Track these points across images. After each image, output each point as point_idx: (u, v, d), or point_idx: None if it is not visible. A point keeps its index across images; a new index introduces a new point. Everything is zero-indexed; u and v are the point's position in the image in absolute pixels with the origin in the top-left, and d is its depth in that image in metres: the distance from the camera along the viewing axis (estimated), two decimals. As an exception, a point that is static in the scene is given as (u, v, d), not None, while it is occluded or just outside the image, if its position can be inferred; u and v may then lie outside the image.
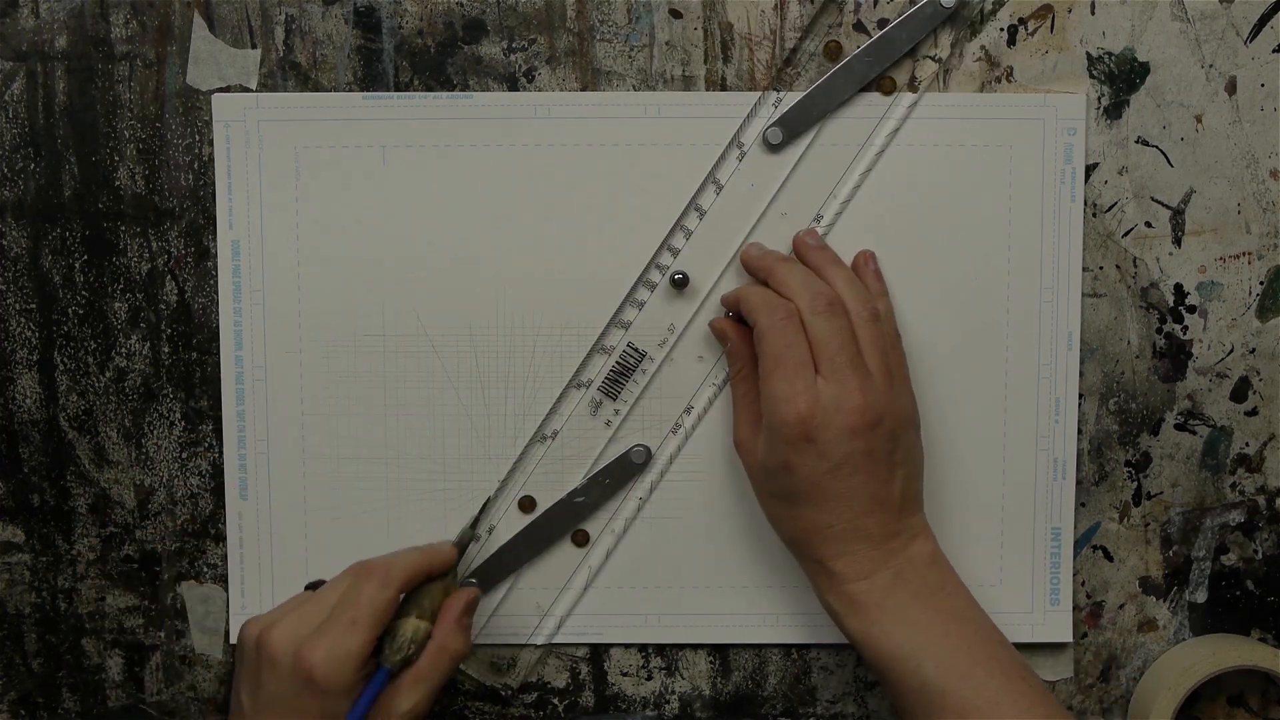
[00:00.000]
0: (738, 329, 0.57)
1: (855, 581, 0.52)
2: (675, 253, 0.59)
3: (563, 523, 0.60)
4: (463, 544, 0.57)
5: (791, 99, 0.58)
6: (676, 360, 0.60)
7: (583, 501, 0.60)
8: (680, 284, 0.58)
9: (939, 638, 0.52)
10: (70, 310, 0.60)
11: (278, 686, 0.50)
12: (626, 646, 0.61)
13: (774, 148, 0.58)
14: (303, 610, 0.52)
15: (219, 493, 0.60)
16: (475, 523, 0.58)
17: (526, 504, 0.60)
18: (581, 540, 0.60)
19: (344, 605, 0.51)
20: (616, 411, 0.60)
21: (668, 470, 0.60)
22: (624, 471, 0.60)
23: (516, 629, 0.61)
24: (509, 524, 0.60)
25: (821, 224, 0.58)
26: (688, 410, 0.60)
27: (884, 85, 0.58)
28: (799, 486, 0.53)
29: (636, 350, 0.59)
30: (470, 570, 0.60)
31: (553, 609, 0.60)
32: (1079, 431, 0.60)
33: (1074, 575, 0.61)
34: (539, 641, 0.61)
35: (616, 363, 0.59)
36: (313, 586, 0.55)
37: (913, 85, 0.58)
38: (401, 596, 0.53)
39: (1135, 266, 0.60)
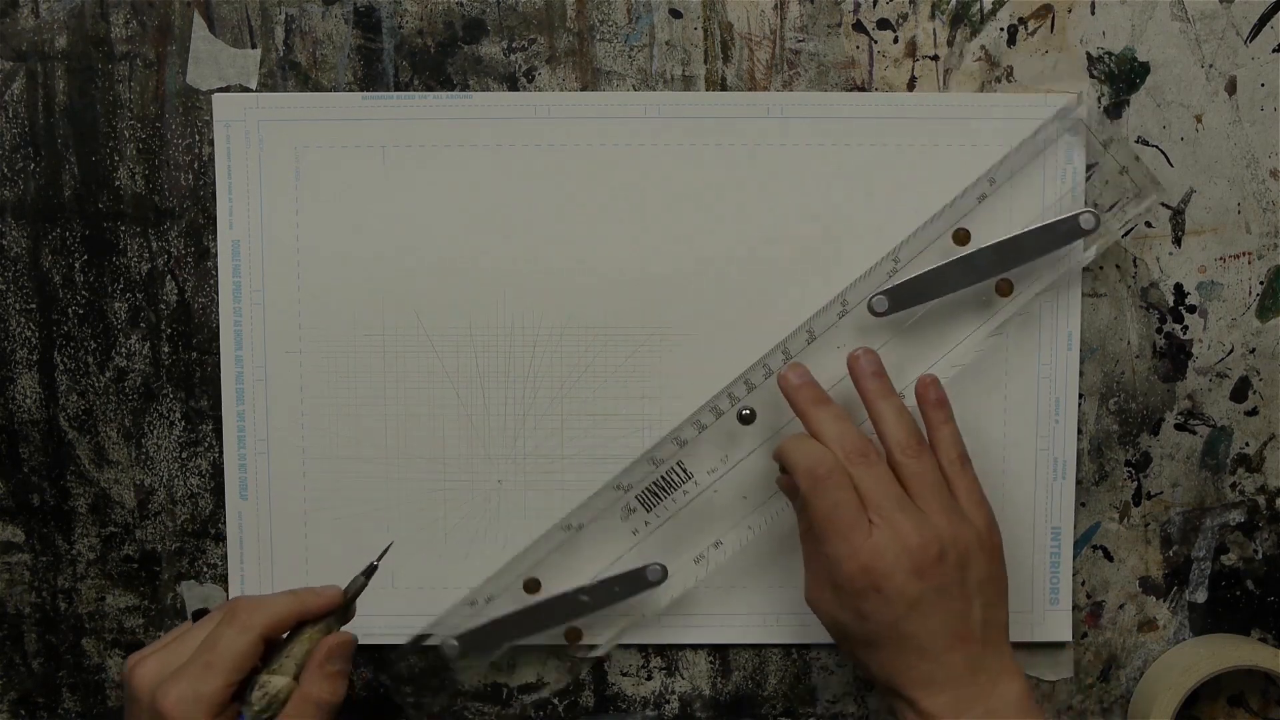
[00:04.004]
0: None
1: None
2: (751, 388, 0.58)
3: (561, 614, 0.59)
4: (353, 591, 0.54)
5: (908, 272, 0.57)
6: (720, 492, 0.59)
7: (586, 601, 0.59)
8: (747, 420, 0.58)
9: None
10: (70, 310, 0.60)
11: None
12: (626, 646, 0.61)
13: (878, 315, 0.57)
14: (171, 647, 0.52)
15: (219, 493, 0.60)
16: (369, 571, 0.55)
17: (531, 585, 0.59)
18: (573, 637, 0.59)
19: (203, 648, 0.51)
20: (646, 524, 0.59)
21: (678, 601, 0.59)
22: (635, 584, 0.59)
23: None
24: (509, 600, 0.59)
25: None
26: (716, 544, 0.59)
27: (1001, 286, 0.58)
28: (877, 633, 0.52)
29: (684, 470, 0.58)
30: (459, 633, 0.59)
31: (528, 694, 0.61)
32: (1079, 431, 0.60)
33: (1074, 575, 0.61)
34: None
35: (661, 477, 0.58)
36: (198, 616, 0.54)
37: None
38: (273, 639, 0.52)
39: (1135, 266, 0.60)
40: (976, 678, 0.52)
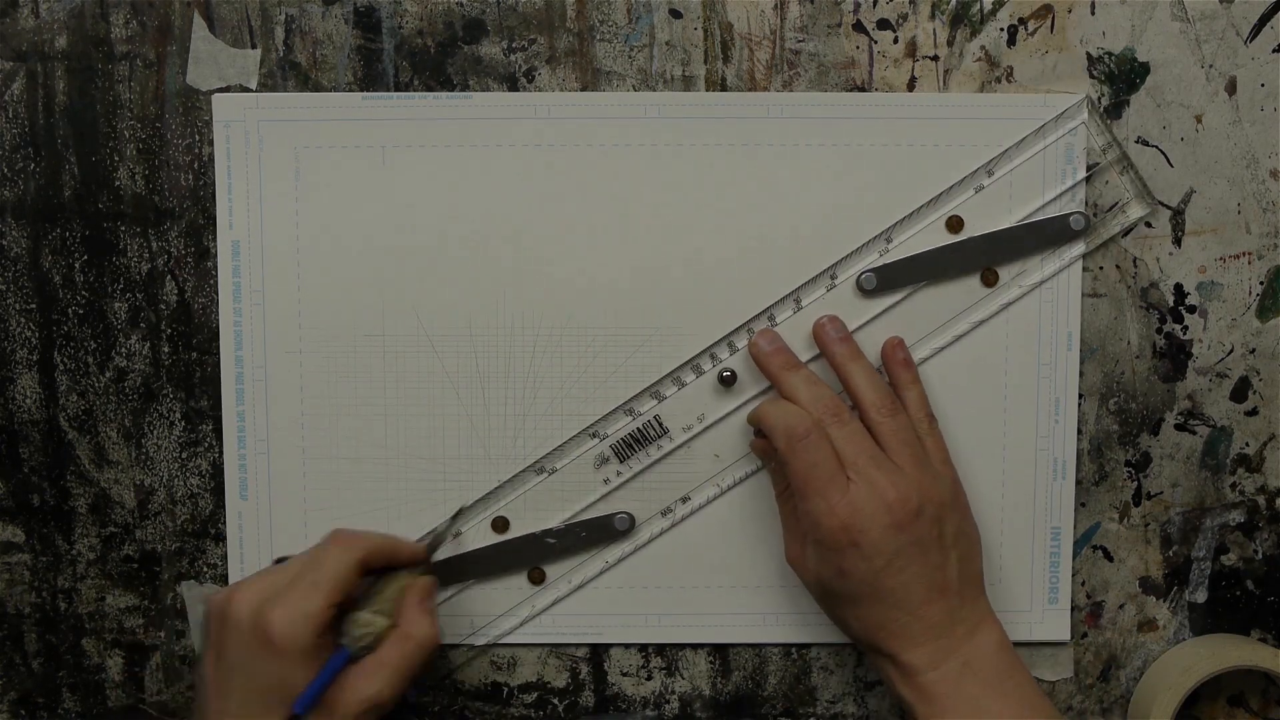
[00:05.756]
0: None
1: (926, 673, 0.52)
2: (734, 350, 0.59)
3: (526, 555, 0.60)
4: (435, 544, 0.57)
5: (899, 252, 0.58)
6: (694, 449, 0.60)
7: (553, 544, 0.60)
8: (727, 381, 0.59)
9: None
10: (70, 310, 0.60)
11: (239, 651, 0.50)
12: (626, 646, 0.61)
13: (865, 292, 0.58)
14: (269, 577, 0.52)
15: (219, 493, 0.61)
16: (451, 523, 0.58)
17: (499, 524, 0.60)
18: (537, 578, 0.60)
19: (306, 568, 0.52)
20: (618, 474, 0.60)
21: (643, 549, 0.60)
22: (602, 532, 0.60)
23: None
24: (476, 536, 0.60)
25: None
26: (684, 499, 0.60)
27: (987, 277, 0.59)
28: (857, 589, 0.53)
29: (660, 425, 0.59)
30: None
31: (483, 631, 0.60)
32: (1079, 431, 0.60)
33: (1074, 575, 0.61)
34: (458, 657, 0.61)
35: (637, 429, 0.59)
36: (280, 561, 0.55)
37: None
38: (368, 569, 0.53)
39: (1135, 266, 0.60)
40: (954, 629, 0.53)
